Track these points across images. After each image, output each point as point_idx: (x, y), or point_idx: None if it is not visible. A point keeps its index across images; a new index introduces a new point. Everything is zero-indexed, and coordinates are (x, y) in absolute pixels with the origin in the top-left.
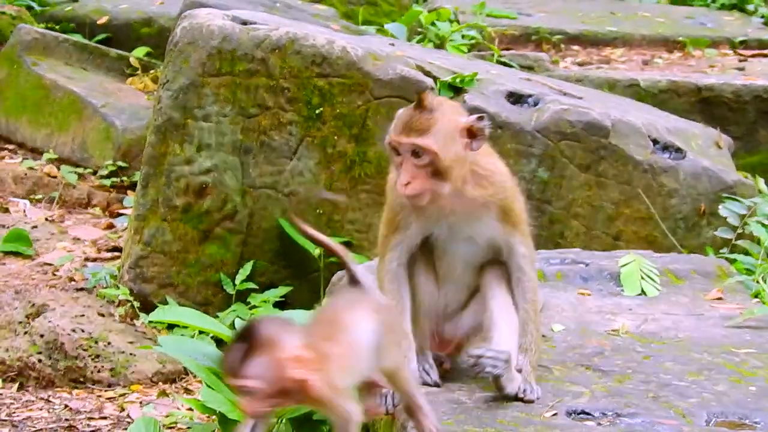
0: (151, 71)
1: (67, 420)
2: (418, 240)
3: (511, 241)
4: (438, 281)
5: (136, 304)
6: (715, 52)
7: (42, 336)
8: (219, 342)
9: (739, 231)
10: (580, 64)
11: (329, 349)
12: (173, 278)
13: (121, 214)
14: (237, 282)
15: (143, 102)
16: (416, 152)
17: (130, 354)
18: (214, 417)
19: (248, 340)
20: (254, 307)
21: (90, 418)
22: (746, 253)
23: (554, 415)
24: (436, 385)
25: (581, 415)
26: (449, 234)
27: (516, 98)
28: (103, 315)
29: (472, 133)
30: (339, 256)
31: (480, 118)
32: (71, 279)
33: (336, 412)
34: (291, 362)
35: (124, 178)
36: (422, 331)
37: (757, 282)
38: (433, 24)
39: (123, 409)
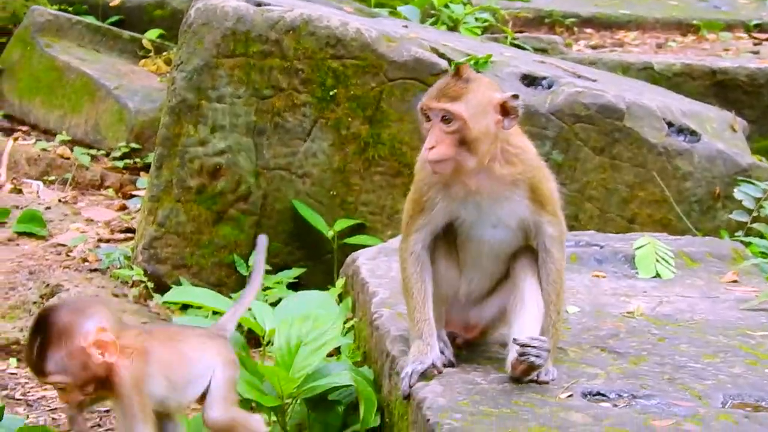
0: (164, 53)
1: None
2: (443, 222)
3: (539, 221)
4: (460, 269)
5: (150, 284)
6: (729, 35)
7: None
8: None
9: (755, 214)
10: (594, 47)
11: (156, 349)
12: (187, 259)
13: (134, 196)
14: (250, 263)
15: (156, 84)
16: (446, 118)
17: None
18: None
19: (44, 332)
20: (268, 288)
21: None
22: (761, 236)
23: (570, 396)
24: (451, 364)
25: (597, 397)
26: (476, 217)
27: (530, 80)
28: (116, 295)
29: (505, 111)
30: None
31: (515, 97)
32: (85, 260)
33: (128, 414)
34: (92, 347)
35: (137, 160)
36: (438, 310)
37: None
38: (446, 6)
39: None
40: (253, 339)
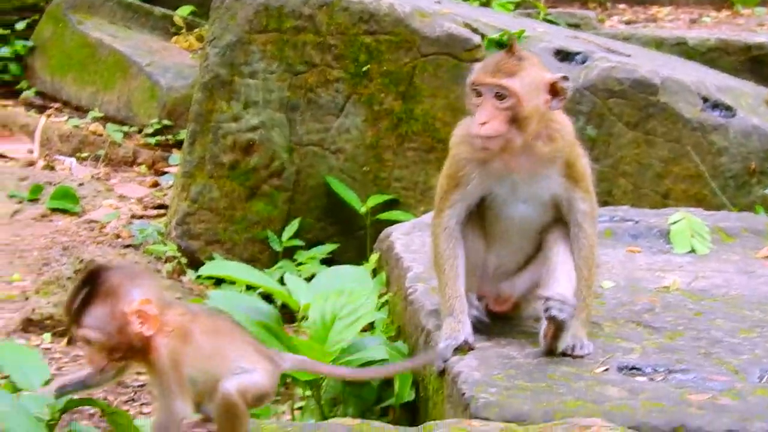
0: (196, 30)
1: None
2: (477, 198)
3: (572, 197)
4: (488, 244)
5: (183, 260)
6: (764, 10)
7: None
8: (267, 297)
9: None
10: (627, 23)
11: (197, 336)
12: (220, 235)
13: (166, 172)
14: (283, 239)
15: (188, 61)
16: (500, 94)
17: None
18: None
19: (91, 286)
20: (301, 264)
21: (138, 373)
22: None
23: (605, 370)
24: (484, 323)
25: (632, 371)
26: (510, 194)
27: (564, 56)
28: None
29: (554, 91)
30: None
31: (564, 78)
32: (117, 236)
33: (165, 395)
34: (133, 316)
35: (169, 137)
36: (468, 279)
37: None
38: None
39: None
40: (287, 314)
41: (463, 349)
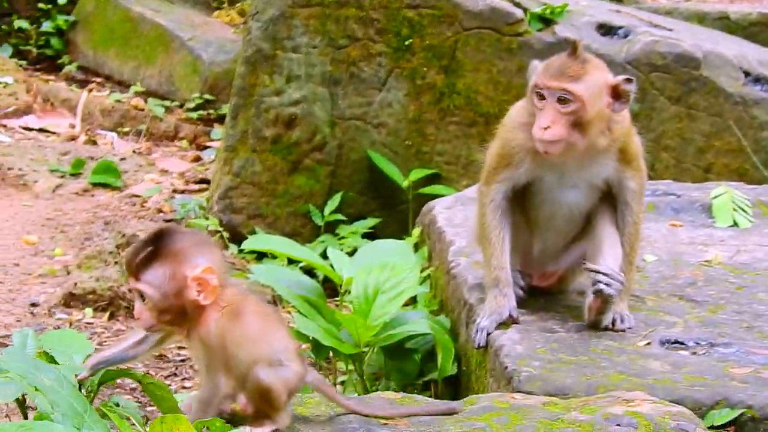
0: (237, 4)
1: None
2: (525, 181)
3: (622, 177)
4: (532, 228)
5: (226, 234)
6: None
7: None
8: (309, 271)
9: None
10: None
11: (247, 317)
12: (262, 209)
13: (208, 147)
14: (325, 213)
15: (230, 35)
16: (563, 99)
17: None
18: (306, 345)
19: (157, 245)
20: (342, 238)
21: (180, 347)
22: None
23: (648, 344)
24: (524, 290)
25: (675, 345)
26: (558, 180)
27: (606, 30)
28: None
29: (617, 93)
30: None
31: (628, 80)
32: (159, 210)
33: (210, 370)
34: (194, 281)
35: (211, 111)
36: (512, 256)
37: None
38: None
39: None
40: (329, 288)
41: (506, 323)
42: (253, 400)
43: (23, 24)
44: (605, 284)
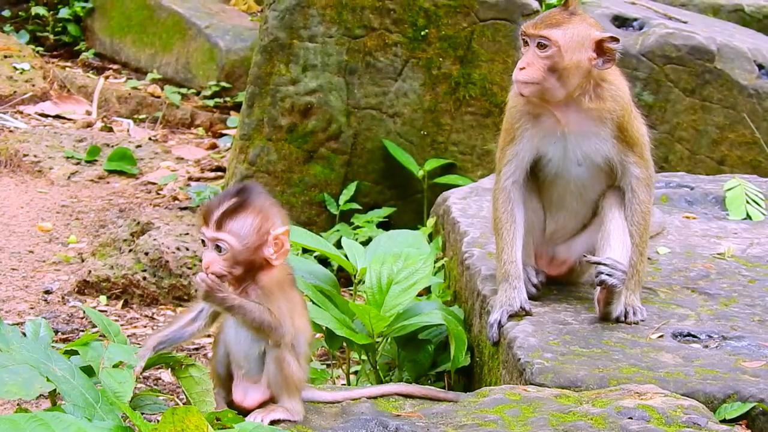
0: None
1: None
2: (530, 157)
3: (625, 161)
4: (545, 209)
5: None
6: None
7: (147, 254)
8: (323, 260)
9: None
10: None
11: (292, 292)
12: (277, 197)
13: (224, 135)
14: (341, 202)
15: (246, 23)
16: (541, 44)
17: None
18: (320, 334)
19: (243, 198)
20: (357, 227)
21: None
22: None
23: (660, 337)
24: (537, 288)
25: (687, 338)
26: (562, 155)
27: (621, 22)
28: None
29: (601, 50)
30: None
31: (613, 39)
32: (175, 198)
33: (274, 324)
34: (273, 240)
35: (227, 99)
36: (526, 246)
37: None
38: None
39: None
40: (343, 277)
41: (519, 314)
42: (273, 377)
43: (40, 10)
44: (607, 275)
